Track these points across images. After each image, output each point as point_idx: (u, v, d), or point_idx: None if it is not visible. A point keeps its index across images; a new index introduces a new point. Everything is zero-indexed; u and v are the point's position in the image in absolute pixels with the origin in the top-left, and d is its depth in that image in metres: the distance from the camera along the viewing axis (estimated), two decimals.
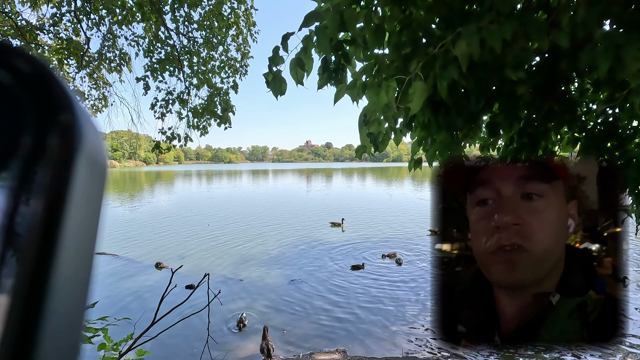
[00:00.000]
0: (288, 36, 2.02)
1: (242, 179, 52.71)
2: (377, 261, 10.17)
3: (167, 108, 6.56)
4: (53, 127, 0.19)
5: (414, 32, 1.90)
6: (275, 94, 2.13)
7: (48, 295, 0.18)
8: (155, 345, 4.35)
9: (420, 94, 1.58)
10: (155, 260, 10.12)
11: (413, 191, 31.00)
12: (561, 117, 2.38)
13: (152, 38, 6.41)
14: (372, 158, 2.70)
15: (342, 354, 5.43)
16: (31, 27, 6.05)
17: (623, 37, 1.43)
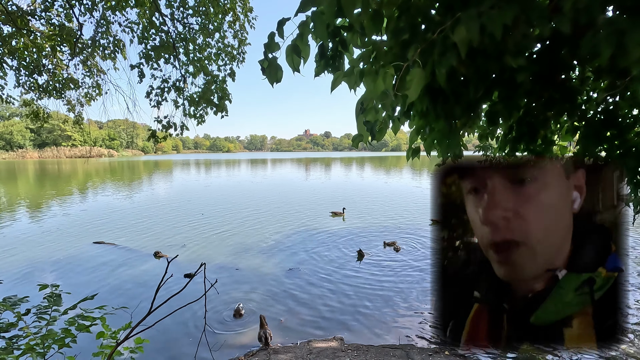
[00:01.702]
0: (284, 22, 1.97)
1: (240, 168, 52.60)
2: (376, 249, 10.23)
3: (163, 96, 6.47)
4: None
5: (413, 18, 1.86)
6: (271, 81, 2.09)
7: None
8: (153, 334, 4.38)
9: (418, 81, 1.55)
10: (154, 249, 10.15)
11: (411, 180, 31.01)
12: (561, 105, 2.35)
13: (147, 24, 6.28)
14: (371, 147, 2.66)
15: (339, 342, 5.50)
16: (22, 13, 5.91)
17: (626, 23, 1.40)
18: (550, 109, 2.42)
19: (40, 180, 34.21)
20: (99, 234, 12.13)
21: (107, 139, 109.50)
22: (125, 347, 2.70)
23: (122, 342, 2.59)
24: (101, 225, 13.67)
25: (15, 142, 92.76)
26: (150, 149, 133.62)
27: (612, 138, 2.40)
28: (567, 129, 2.74)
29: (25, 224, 13.99)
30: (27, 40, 6.14)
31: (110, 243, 11.07)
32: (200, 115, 6.56)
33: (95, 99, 7.28)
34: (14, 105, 7.30)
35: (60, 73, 6.87)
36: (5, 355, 2.33)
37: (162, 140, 6.49)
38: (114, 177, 37.71)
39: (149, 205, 18.63)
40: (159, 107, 6.43)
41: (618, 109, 2.37)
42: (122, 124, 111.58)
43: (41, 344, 2.43)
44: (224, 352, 5.29)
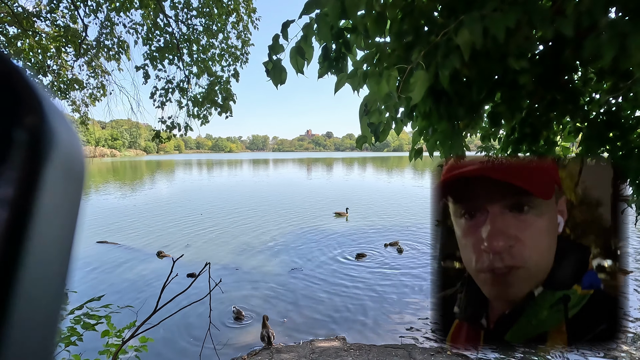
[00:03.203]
0: (288, 24, 1.99)
1: (242, 168, 52.69)
2: (378, 250, 10.23)
3: (167, 97, 6.51)
4: (17, 132, 0.17)
5: (416, 20, 1.87)
6: (275, 83, 2.11)
7: (13, 303, 0.17)
8: (157, 333, 4.42)
9: (421, 84, 1.56)
10: (156, 249, 10.20)
11: (413, 180, 30.98)
12: (564, 107, 2.36)
13: (151, 25, 6.32)
14: (373, 148, 2.66)
15: (341, 342, 5.51)
16: (28, 14, 5.97)
17: (628, 25, 1.41)
18: (553, 110, 2.43)
19: None
20: (102, 234, 12.19)
21: (109, 139, 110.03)
22: (130, 345, 2.73)
23: (127, 341, 2.62)
24: (104, 225, 13.74)
25: None
26: (153, 149, 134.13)
27: (614, 139, 2.40)
28: (569, 130, 2.75)
29: None
30: (33, 41, 6.19)
31: (113, 242, 11.13)
32: (204, 116, 6.59)
33: (99, 99, 7.33)
34: None
35: (65, 74, 6.92)
36: None
37: (166, 140, 6.54)
38: (117, 177, 37.87)
39: (151, 205, 18.71)
40: (163, 107, 6.48)
41: (621, 111, 2.38)
42: (125, 124, 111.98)
43: None
44: (228, 351, 5.32)
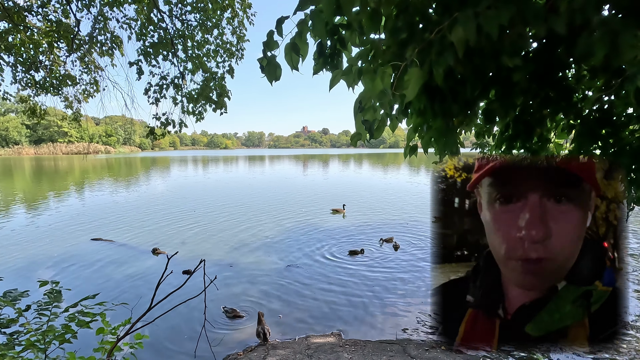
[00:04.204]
0: (283, 20, 1.98)
1: (238, 165, 52.53)
2: (375, 246, 10.27)
3: (161, 93, 6.46)
4: None
5: (411, 17, 1.87)
6: (270, 79, 2.11)
7: None
8: (152, 330, 4.41)
9: (415, 81, 1.57)
10: (152, 246, 10.16)
11: (409, 177, 31.08)
12: (557, 104, 2.38)
13: (145, 21, 6.25)
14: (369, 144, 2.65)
15: (337, 337, 5.54)
16: (19, 9, 5.87)
17: (620, 24, 1.42)
18: (546, 108, 2.45)
19: (37, 177, 34.06)
20: (97, 231, 12.12)
21: (104, 135, 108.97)
22: (125, 342, 2.73)
23: (122, 338, 2.62)
24: (99, 221, 13.65)
25: (11, 138, 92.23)
26: (148, 146, 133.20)
27: (606, 136, 2.43)
28: (562, 127, 2.77)
29: (22, 221, 13.95)
30: (24, 36, 6.11)
31: (108, 240, 11.07)
32: (199, 112, 6.56)
33: (93, 95, 7.26)
34: (10, 101, 7.27)
35: (58, 69, 6.84)
36: (7, 351, 2.35)
37: (160, 137, 6.49)
38: (111, 173, 37.59)
39: (146, 201, 18.61)
40: (158, 104, 6.43)
41: (613, 108, 2.41)
42: (119, 120, 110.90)
43: (42, 340, 2.45)
44: (223, 348, 5.33)
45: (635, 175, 2.30)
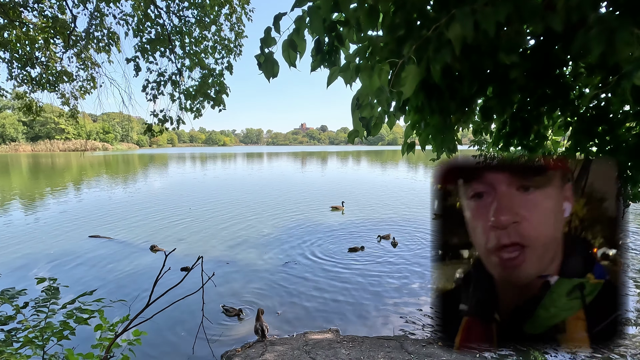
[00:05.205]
0: (280, 16, 1.98)
1: (236, 162, 52.43)
2: (373, 243, 10.30)
3: (159, 90, 6.43)
4: None
5: (408, 14, 1.87)
6: (267, 76, 2.10)
7: None
8: (151, 326, 4.41)
9: (413, 78, 1.57)
10: (150, 243, 10.16)
11: (407, 174, 31.11)
12: (554, 101, 2.39)
13: (142, 17, 6.21)
14: (367, 141, 2.66)
15: (335, 334, 5.57)
16: (14, 4, 5.82)
17: (616, 21, 1.42)
18: (544, 105, 2.45)
19: (35, 174, 33.91)
20: (95, 228, 12.09)
21: (101, 132, 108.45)
22: (123, 339, 2.73)
23: (120, 334, 2.63)
24: (97, 219, 13.62)
25: (8, 135, 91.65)
26: (145, 143, 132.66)
27: (603, 133, 2.44)
28: (559, 124, 2.78)
29: (19, 218, 13.91)
30: (20, 32, 6.05)
31: (106, 237, 11.05)
32: (197, 109, 6.53)
33: (89, 92, 7.21)
34: (6, 98, 7.22)
35: (54, 66, 6.79)
36: (5, 347, 2.35)
37: (158, 134, 6.47)
38: (109, 170, 37.47)
39: (144, 199, 18.57)
40: (155, 100, 6.40)
41: (609, 105, 2.41)
42: (116, 117, 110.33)
43: (40, 337, 2.45)
44: (221, 344, 5.35)
45: (631, 172, 2.31)
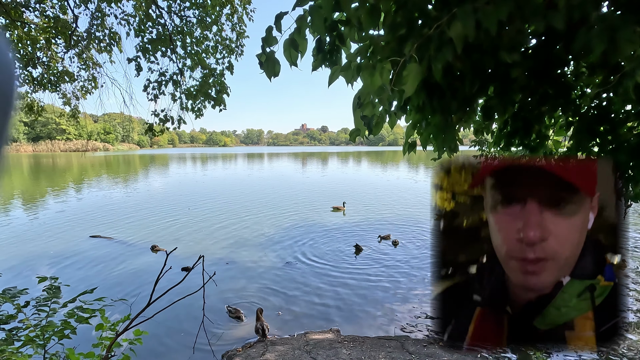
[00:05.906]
0: (281, 16, 1.98)
1: (237, 162, 52.47)
2: (374, 243, 10.30)
3: (160, 90, 6.44)
4: None
5: (410, 13, 1.87)
6: (269, 75, 2.10)
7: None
8: (151, 326, 4.42)
9: (414, 77, 1.56)
10: (150, 243, 10.16)
11: (408, 174, 31.09)
12: (555, 101, 2.38)
13: (143, 17, 6.22)
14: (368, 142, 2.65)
15: (335, 334, 5.56)
16: (16, 4, 5.84)
17: (618, 20, 1.42)
18: (545, 104, 2.45)
19: (35, 174, 33.97)
20: (96, 228, 12.11)
21: (102, 132, 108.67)
22: (124, 338, 2.73)
23: (121, 334, 2.63)
24: (97, 219, 13.64)
25: (9, 135, 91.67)
26: (146, 143, 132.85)
27: (604, 133, 2.43)
28: (561, 124, 2.78)
29: (21, 218, 13.93)
30: (21, 32, 6.07)
31: (106, 237, 11.06)
32: (198, 109, 6.53)
33: (91, 92, 7.22)
34: None
35: (55, 66, 6.80)
36: (6, 346, 2.36)
37: (159, 134, 6.48)
38: (110, 171, 37.51)
39: (145, 199, 18.59)
40: (156, 100, 6.41)
41: (611, 105, 2.41)
42: (117, 117, 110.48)
43: (41, 336, 2.45)
44: (222, 344, 5.35)
45: (633, 172, 2.31)
